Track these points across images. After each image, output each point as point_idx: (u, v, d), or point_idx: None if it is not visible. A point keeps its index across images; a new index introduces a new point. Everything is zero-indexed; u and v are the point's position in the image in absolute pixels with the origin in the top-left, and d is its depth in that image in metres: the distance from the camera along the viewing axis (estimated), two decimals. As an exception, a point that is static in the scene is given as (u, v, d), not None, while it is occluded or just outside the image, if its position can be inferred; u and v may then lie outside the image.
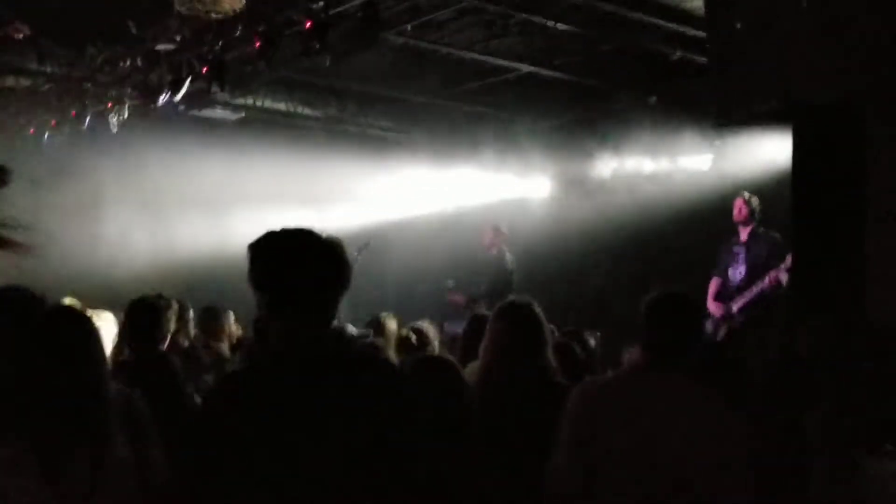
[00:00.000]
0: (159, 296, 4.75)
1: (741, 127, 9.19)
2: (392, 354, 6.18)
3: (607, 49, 9.24)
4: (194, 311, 6.46)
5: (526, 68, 9.82)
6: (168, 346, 4.90)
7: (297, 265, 2.44)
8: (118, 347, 4.70)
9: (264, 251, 2.47)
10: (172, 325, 4.89)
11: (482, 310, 7.77)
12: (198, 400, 4.51)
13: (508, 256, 10.17)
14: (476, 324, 5.04)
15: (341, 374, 2.43)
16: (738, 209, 8.57)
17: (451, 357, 4.36)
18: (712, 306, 8.59)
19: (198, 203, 11.74)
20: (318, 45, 7.10)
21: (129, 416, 2.84)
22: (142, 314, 4.57)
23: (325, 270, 2.46)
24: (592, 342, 5.49)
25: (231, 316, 6.78)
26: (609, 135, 11.01)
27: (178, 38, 8.26)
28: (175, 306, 4.97)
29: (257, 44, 7.47)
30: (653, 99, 10.19)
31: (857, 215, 6.86)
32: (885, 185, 6.83)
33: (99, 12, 8.23)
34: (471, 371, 4.49)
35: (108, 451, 2.70)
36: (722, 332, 8.33)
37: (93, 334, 2.85)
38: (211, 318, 6.64)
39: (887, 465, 3.56)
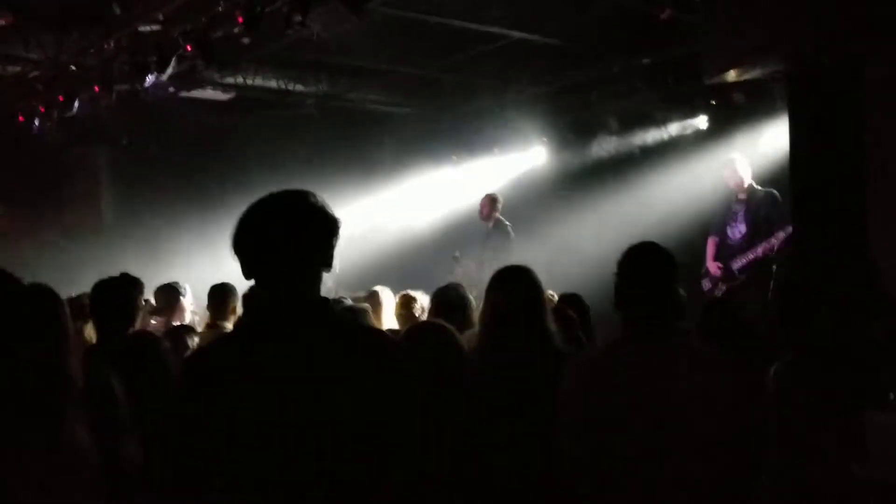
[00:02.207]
0: (124, 275, 4.62)
1: (735, 86, 9.13)
2: (386, 322, 6.18)
3: (597, 12, 9.11)
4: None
5: (516, 35, 9.69)
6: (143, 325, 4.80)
7: (271, 229, 2.35)
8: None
9: (245, 214, 2.39)
10: (140, 303, 4.74)
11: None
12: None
13: (510, 226, 10.08)
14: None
15: (319, 341, 2.33)
16: (729, 176, 8.50)
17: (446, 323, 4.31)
18: (712, 266, 8.51)
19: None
20: (300, 19, 6.98)
21: (96, 401, 2.75)
22: (106, 294, 4.44)
23: (303, 236, 2.36)
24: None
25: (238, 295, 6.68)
26: (603, 99, 10.92)
27: (160, 17, 8.15)
28: (141, 285, 4.82)
29: (240, 19, 7.36)
30: (646, 60, 10.07)
31: (856, 173, 6.78)
32: (883, 145, 6.76)
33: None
34: (468, 339, 4.44)
35: (64, 434, 2.62)
36: (721, 291, 8.26)
37: (56, 314, 2.77)
38: (217, 297, 6.54)
39: (891, 416, 3.50)
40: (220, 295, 6.51)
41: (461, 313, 4.97)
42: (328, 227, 2.41)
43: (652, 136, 10.74)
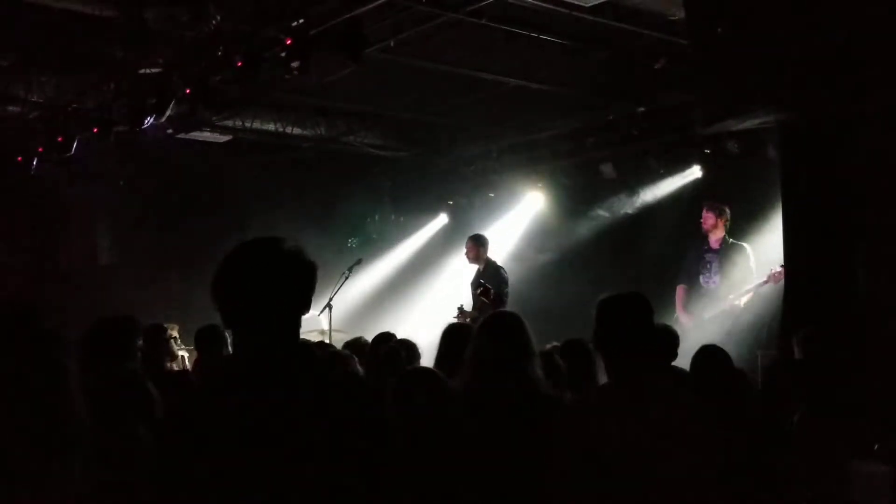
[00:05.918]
0: (128, 317, 4.65)
1: (728, 136, 9.20)
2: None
3: (593, 60, 9.19)
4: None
5: (513, 82, 9.77)
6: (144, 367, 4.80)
7: (247, 278, 2.36)
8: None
9: (221, 264, 2.39)
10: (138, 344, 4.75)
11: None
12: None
13: (503, 268, 9.99)
14: (450, 333, 5.04)
15: (293, 390, 2.32)
16: (704, 218, 8.67)
17: (437, 371, 4.32)
18: (683, 316, 8.57)
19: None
20: (298, 65, 7.06)
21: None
22: (106, 333, 4.47)
23: (279, 284, 2.36)
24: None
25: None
26: (598, 146, 10.98)
27: (160, 61, 8.24)
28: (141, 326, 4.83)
29: (239, 63, 7.44)
30: (641, 109, 10.16)
31: (849, 222, 6.78)
32: (879, 194, 6.76)
33: (83, 38, 8.24)
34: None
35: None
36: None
37: (58, 355, 2.79)
38: (208, 339, 6.47)
39: (876, 466, 3.52)
40: (208, 338, 6.43)
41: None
42: (304, 271, 2.41)
43: (646, 183, 10.77)
